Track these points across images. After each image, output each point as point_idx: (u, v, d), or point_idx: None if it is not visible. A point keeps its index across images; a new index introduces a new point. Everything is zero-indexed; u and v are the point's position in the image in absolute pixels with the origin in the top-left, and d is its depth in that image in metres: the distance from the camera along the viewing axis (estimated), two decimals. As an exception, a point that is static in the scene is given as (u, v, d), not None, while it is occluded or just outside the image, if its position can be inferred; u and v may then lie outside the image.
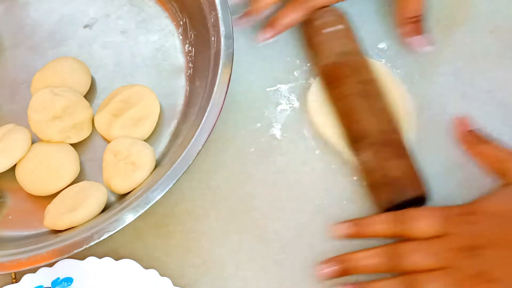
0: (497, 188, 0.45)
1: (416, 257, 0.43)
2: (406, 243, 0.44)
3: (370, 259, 0.45)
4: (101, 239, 0.44)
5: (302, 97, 0.54)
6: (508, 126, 0.52)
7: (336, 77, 0.51)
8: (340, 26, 0.53)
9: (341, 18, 0.53)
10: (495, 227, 0.42)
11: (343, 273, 0.46)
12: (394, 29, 0.55)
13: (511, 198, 0.43)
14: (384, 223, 0.45)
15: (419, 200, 0.47)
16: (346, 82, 0.51)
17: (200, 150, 0.46)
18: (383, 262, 0.44)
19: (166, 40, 0.56)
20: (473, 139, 0.47)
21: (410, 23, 0.52)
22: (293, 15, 0.53)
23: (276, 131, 0.53)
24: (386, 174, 0.47)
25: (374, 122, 0.49)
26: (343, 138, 0.51)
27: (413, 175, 0.47)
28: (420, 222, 0.44)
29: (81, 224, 0.47)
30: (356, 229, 0.46)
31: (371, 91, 0.50)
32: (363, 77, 0.51)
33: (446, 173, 0.50)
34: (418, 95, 0.53)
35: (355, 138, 0.49)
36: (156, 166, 0.49)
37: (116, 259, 0.47)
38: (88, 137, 0.52)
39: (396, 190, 0.47)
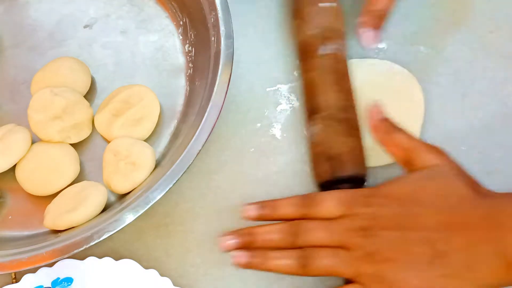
0: (405, 173, 0.45)
1: (314, 234, 0.44)
2: (307, 221, 0.45)
3: (272, 234, 0.45)
4: (101, 239, 0.44)
5: (303, 97, 0.54)
6: (508, 126, 0.52)
7: (311, 49, 0.52)
8: (333, 4, 0.53)
9: None
10: (391, 210, 0.43)
11: (245, 246, 0.45)
12: (392, 28, 0.55)
13: (409, 184, 0.44)
14: (292, 206, 0.46)
15: (357, 180, 0.48)
16: (317, 56, 0.51)
17: (200, 150, 0.46)
18: (283, 238, 0.45)
19: (166, 40, 0.56)
20: (384, 128, 0.47)
21: (372, 16, 0.53)
22: None
23: (276, 131, 0.53)
24: (330, 148, 0.48)
25: (332, 97, 0.50)
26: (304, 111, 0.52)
27: (356, 155, 0.48)
28: (324, 204, 0.45)
29: (81, 224, 0.47)
30: (265, 211, 0.47)
31: (339, 69, 0.51)
32: (336, 55, 0.51)
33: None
34: (418, 95, 0.53)
35: (311, 111, 0.50)
36: (156, 166, 0.49)
37: (116, 259, 0.47)
38: (88, 137, 0.52)
39: (335, 165, 0.48)
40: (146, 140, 0.51)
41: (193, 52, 0.55)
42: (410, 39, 0.55)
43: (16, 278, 0.48)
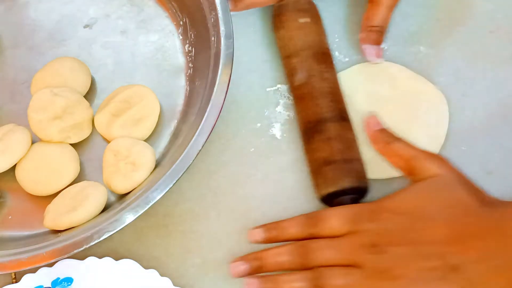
0: (409, 185, 0.45)
1: (323, 253, 0.43)
2: (315, 241, 0.44)
3: (280, 256, 0.45)
4: (101, 239, 0.44)
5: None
6: (508, 126, 0.52)
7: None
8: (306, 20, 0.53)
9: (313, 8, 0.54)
10: (398, 225, 0.42)
11: (256, 271, 0.46)
12: (392, 29, 0.55)
13: (414, 196, 0.43)
14: (297, 226, 0.46)
15: (359, 192, 0.48)
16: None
17: (200, 150, 0.46)
18: (293, 259, 0.44)
19: (166, 40, 0.56)
20: (383, 138, 0.47)
21: (372, 32, 0.53)
22: None
23: (276, 131, 0.53)
24: (331, 160, 0.48)
25: (326, 108, 0.49)
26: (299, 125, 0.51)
27: (356, 166, 0.48)
28: (330, 221, 0.44)
29: (81, 224, 0.47)
30: (271, 234, 0.47)
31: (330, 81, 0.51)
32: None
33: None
34: (418, 95, 0.53)
35: (307, 125, 0.50)
36: (156, 166, 0.49)
37: (116, 259, 0.47)
38: (88, 137, 0.52)
39: (336, 177, 0.47)
40: (146, 140, 0.51)
41: (193, 52, 0.55)
42: (410, 39, 0.55)
43: (16, 278, 0.48)
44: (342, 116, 0.50)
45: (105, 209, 0.48)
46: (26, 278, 0.47)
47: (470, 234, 0.41)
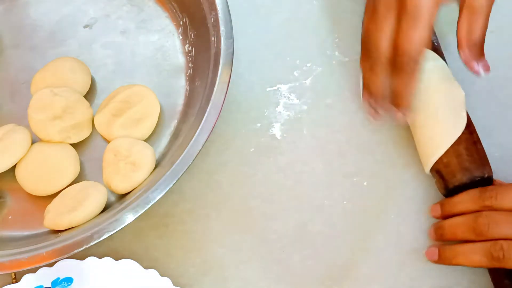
0: None
1: (503, 227, 0.44)
2: (497, 212, 0.45)
3: (458, 227, 0.46)
4: (101, 239, 0.44)
5: (302, 97, 0.54)
6: (508, 126, 0.52)
7: None
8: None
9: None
10: None
11: (439, 238, 0.48)
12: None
13: None
14: (473, 200, 0.46)
15: (485, 181, 0.48)
16: None
17: (200, 150, 0.46)
18: (470, 230, 0.45)
19: (166, 40, 0.56)
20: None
21: (474, 46, 0.48)
22: None
23: (276, 131, 0.53)
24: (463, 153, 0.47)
25: None
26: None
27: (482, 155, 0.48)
28: (508, 195, 0.45)
29: (81, 224, 0.47)
30: (445, 209, 0.48)
31: None
32: None
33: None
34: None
35: None
36: (156, 166, 0.49)
37: (116, 259, 0.47)
38: (88, 137, 0.52)
39: (465, 169, 0.47)
40: (146, 140, 0.51)
41: (193, 52, 0.55)
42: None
43: (16, 278, 0.48)
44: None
45: (105, 209, 0.48)
46: (26, 278, 0.47)
47: None
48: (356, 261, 0.48)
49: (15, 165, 0.51)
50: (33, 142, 0.51)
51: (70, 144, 0.51)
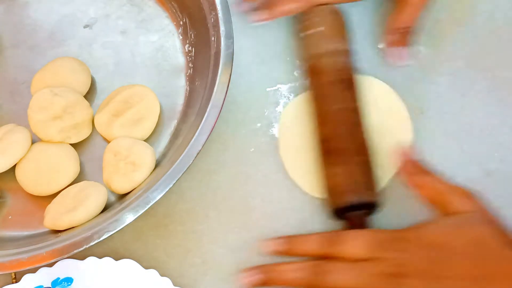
0: (435, 218, 0.44)
1: (340, 276, 0.43)
2: (332, 261, 0.44)
3: (295, 272, 0.44)
4: (101, 239, 0.44)
5: (302, 97, 0.54)
6: (508, 126, 0.52)
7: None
8: (321, 28, 0.52)
9: (329, 17, 0.52)
10: (425, 257, 0.41)
11: (265, 283, 0.45)
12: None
13: (441, 230, 0.43)
14: (315, 243, 0.45)
15: (370, 207, 0.47)
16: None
17: (200, 150, 0.46)
18: (307, 277, 0.44)
19: (166, 40, 0.56)
20: (414, 170, 0.46)
21: (398, 33, 0.52)
22: (292, 5, 0.53)
23: (276, 131, 0.53)
24: (344, 176, 0.47)
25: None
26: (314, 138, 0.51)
27: (368, 180, 0.48)
28: (351, 243, 0.44)
29: (81, 224, 0.47)
30: (286, 247, 0.46)
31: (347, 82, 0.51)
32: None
33: (445, 172, 0.50)
34: (418, 95, 0.53)
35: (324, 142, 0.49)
36: (156, 166, 0.49)
37: (116, 259, 0.47)
38: (88, 137, 0.52)
39: (348, 192, 0.47)
40: (146, 140, 0.51)
41: (193, 52, 0.55)
42: (410, 39, 0.55)
43: (16, 278, 0.48)
44: (356, 121, 0.49)
45: (105, 209, 0.48)
46: (26, 278, 0.47)
47: (491, 274, 0.40)
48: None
49: (15, 165, 0.51)
50: (33, 142, 0.51)
51: (70, 144, 0.51)
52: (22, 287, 0.47)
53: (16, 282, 0.47)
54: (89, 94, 0.54)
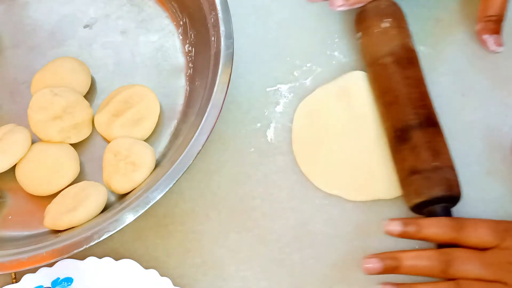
0: None
1: (467, 265, 0.42)
2: (460, 250, 0.43)
3: (421, 260, 0.44)
4: (101, 239, 0.44)
5: (302, 97, 0.54)
6: (508, 126, 0.52)
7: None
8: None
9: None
10: None
11: (390, 270, 0.45)
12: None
13: None
14: (441, 227, 0.44)
15: (452, 200, 0.47)
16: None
17: (200, 150, 0.46)
18: (433, 265, 0.43)
19: (166, 40, 0.56)
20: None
21: (490, 21, 0.52)
22: None
23: (272, 132, 0.53)
24: (423, 168, 0.47)
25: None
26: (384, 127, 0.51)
27: (450, 174, 0.47)
28: (479, 231, 0.43)
29: (81, 224, 0.47)
30: (410, 228, 0.45)
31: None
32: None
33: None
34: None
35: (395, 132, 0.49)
36: (156, 166, 0.49)
37: (116, 259, 0.47)
38: (88, 137, 0.52)
39: (430, 185, 0.46)
40: (146, 140, 0.51)
41: (193, 52, 0.55)
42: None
43: (16, 278, 0.48)
44: (430, 122, 0.49)
45: (105, 209, 0.48)
46: (26, 278, 0.47)
47: None
48: (356, 261, 0.48)
49: (15, 165, 0.51)
50: (33, 142, 0.51)
51: (70, 144, 0.51)
52: (22, 287, 0.47)
53: (16, 282, 0.47)
54: (89, 94, 0.54)
